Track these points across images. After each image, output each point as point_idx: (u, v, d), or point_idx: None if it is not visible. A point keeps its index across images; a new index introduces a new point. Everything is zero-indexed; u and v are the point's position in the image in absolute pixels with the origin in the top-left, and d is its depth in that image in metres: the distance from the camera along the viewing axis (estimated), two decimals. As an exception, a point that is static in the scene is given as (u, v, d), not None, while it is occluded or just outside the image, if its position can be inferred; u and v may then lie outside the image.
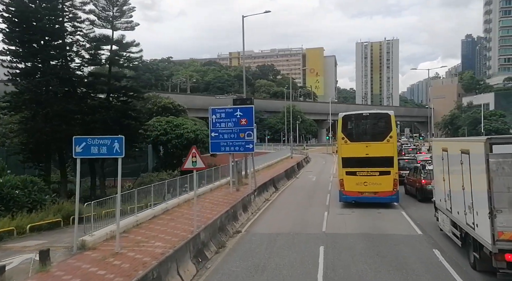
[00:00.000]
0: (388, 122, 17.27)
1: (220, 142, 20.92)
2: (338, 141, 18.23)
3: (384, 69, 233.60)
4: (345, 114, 18.31)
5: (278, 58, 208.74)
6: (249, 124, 20.59)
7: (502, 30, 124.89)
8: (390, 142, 16.96)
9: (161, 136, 34.04)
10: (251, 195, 17.86)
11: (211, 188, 21.96)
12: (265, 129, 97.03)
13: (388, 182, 16.87)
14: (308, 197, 20.72)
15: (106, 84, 24.70)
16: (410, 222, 14.46)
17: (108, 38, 24.18)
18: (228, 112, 20.89)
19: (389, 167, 16.87)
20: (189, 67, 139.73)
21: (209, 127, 21.35)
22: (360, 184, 17.09)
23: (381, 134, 17.29)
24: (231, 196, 19.71)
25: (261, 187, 20.99)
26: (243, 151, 21.01)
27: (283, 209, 17.65)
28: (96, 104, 23.42)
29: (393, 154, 17.04)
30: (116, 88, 25.12)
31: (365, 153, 16.93)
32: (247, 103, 21.02)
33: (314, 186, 25.22)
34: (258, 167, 34.78)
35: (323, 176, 31.85)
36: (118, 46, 24.82)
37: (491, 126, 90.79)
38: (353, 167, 17.20)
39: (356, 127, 18.09)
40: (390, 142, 16.98)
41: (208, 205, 17.20)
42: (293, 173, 32.66)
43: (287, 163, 41.14)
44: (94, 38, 23.99)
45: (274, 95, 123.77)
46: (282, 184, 26.29)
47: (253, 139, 20.68)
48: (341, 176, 17.57)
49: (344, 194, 17.51)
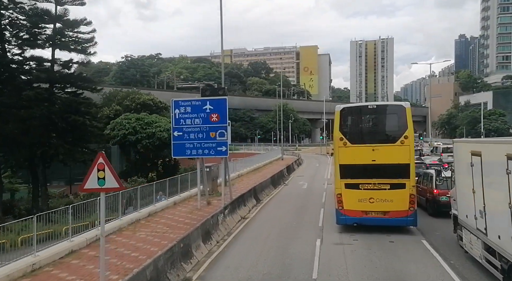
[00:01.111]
0: (403, 117, 12.60)
1: (185, 143, 16.42)
2: (334, 143, 13.55)
3: (379, 68, 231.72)
4: (345, 107, 13.70)
5: (272, 56, 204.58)
6: (221, 120, 16.12)
7: (500, 27, 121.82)
8: (405, 144, 12.40)
9: (129, 136, 29.39)
10: (220, 215, 13.36)
11: (175, 201, 17.45)
12: (256, 128, 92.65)
13: (403, 199, 12.38)
14: (296, 214, 16.27)
15: (46, 71, 19.94)
16: (440, 260, 10.06)
17: (49, 13, 19.40)
18: (195, 106, 16.38)
19: (404, 178, 12.40)
20: (178, 64, 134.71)
21: (171, 125, 16.85)
22: (364, 201, 12.65)
23: (393, 133, 12.85)
24: (197, 213, 15.27)
25: (237, 201, 16.53)
26: (213, 155, 16.50)
27: (261, 234, 13.18)
28: (31, 96, 18.56)
29: (409, 161, 12.44)
30: (58, 76, 20.34)
31: (371, 159, 12.55)
32: (219, 93, 16.53)
33: (305, 197, 20.80)
34: (242, 172, 30.39)
35: (316, 182, 27.45)
36: (62, 24, 20.08)
37: (491, 125, 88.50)
38: (355, 177, 12.75)
39: (359, 124, 13.56)
40: (405, 144, 12.40)
41: (159, 230, 12.73)
42: (281, 178, 28.23)
43: (277, 166, 36.72)
44: (33, 14, 19.21)
45: (266, 93, 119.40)
46: (267, 193, 21.83)
47: (226, 140, 16.19)
48: (338, 190, 13.01)
49: (342, 215, 12.98)
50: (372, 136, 13.07)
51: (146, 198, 16.25)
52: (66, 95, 20.79)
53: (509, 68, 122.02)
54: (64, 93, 20.95)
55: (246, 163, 34.75)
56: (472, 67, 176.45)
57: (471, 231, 9.46)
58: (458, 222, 10.77)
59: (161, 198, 16.35)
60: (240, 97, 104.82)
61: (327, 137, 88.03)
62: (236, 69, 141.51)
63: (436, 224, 14.20)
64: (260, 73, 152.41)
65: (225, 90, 16.64)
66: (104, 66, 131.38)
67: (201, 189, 17.39)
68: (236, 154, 58.73)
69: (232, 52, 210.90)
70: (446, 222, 12.97)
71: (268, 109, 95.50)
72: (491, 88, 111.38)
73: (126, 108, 47.77)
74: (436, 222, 14.58)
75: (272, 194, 22.14)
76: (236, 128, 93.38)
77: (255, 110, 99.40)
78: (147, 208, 14.90)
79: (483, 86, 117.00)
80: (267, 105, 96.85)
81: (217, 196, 19.09)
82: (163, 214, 15.22)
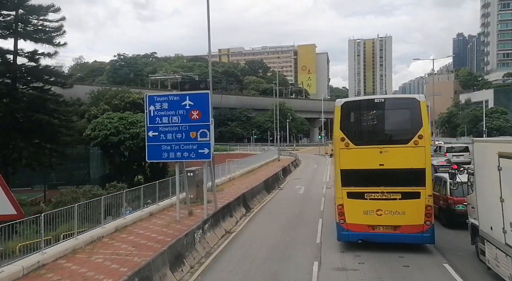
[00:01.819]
0: (416, 112, 10.53)
1: (162, 145, 14.16)
2: (334, 144, 11.44)
3: (377, 67, 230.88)
4: (347, 101, 11.57)
5: (269, 55, 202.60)
6: (203, 118, 13.86)
7: (500, 24, 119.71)
8: (419, 145, 10.34)
9: (111, 136, 27.04)
10: (197, 231, 11.09)
11: (151, 211, 15.18)
12: (253, 128, 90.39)
13: (417, 211, 10.30)
14: (290, 227, 13.99)
15: (5, 64, 17.56)
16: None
17: (8, -4, 17.08)
18: (172, 101, 14.11)
19: (419, 186, 10.35)
20: (173, 63, 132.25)
21: (145, 123, 14.56)
22: (370, 214, 10.55)
23: (404, 132, 10.76)
24: (174, 227, 13.04)
25: (223, 211, 14.27)
26: (194, 158, 14.21)
27: (247, 255, 10.91)
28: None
29: (424, 165, 10.36)
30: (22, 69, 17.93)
31: (379, 164, 10.48)
32: (201, 87, 14.25)
33: (301, 204, 18.55)
34: (234, 175, 28.13)
35: (314, 186, 25.19)
36: (25, 11, 17.73)
37: (493, 124, 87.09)
38: (359, 185, 10.67)
39: (363, 121, 11.46)
40: (420, 145, 10.33)
41: (123, 251, 10.47)
42: (276, 182, 25.98)
43: (272, 168, 34.47)
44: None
45: (263, 92, 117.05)
46: (259, 200, 19.57)
47: (209, 141, 13.91)
48: (339, 200, 10.88)
49: (344, 230, 10.84)
50: (380, 135, 11.03)
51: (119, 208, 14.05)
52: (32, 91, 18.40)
53: (510, 65, 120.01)
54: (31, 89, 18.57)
55: (239, 165, 32.54)
56: (471, 65, 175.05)
57: (498, 246, 8.19)
58: (479, 233, 9.32)
59: (126, 211, 14.02)
60: (236, 96, 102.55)
61: (326, 137, 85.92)
62: (232, 68, 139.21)
63: (455, 238, 12.09)
64: (257, 72, 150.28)
65: (207, 84, 14.36)
66: (99, 65, 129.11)
67: (180, 198, 15.12)
68: (231, 155, 56.43)
69: (229, 51, 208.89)
70: (464, 236, 11.16)
71: (265, 108, 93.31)
72: (492, 86, 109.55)
73: (115, 107, 45.74)
74: (453, 235, 12.50)
75: (265, 201, 19.88)
76: (233, 128, 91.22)
77: (252, 109, 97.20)
78: (113, 222, 12.62)
79: (484, 84, 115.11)
80: (264, 104, 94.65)
81: (202, 204, 16.85)
82: (133, 228, 12.95)
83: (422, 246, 10.85)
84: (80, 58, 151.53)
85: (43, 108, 18.21)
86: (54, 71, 19.24)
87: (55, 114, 19.06)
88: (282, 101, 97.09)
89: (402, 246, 10.67)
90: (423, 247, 10.90)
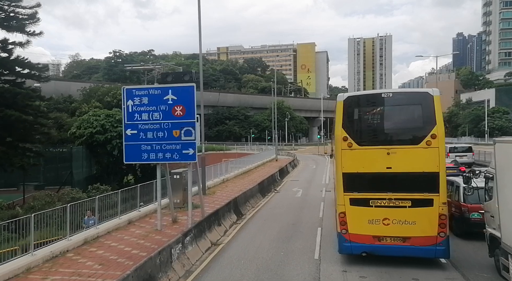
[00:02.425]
0: (429, 108, 9.32)
1: (141, 144, 12.58)
2: (336, 144, 10.19)
3: (377, 66, 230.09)
4: (350, 96, 10.26)
5: (269, 54, 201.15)
6: (187, 115, 12.27)
7: (502, 22, 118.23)
8: (432, 146, 9.09)
9: (97, 135, 25.41)
10: (175, 246, 9.48)
11: (131, 219, 13.58)
12: (251, 126, 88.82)
13: (429, 220, 9.08)
14: (285, 237, 12.37)
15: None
16: None
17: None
18: (153, 96, 12.52)
19: (431, 192, 9.10)
20: (171, 61, 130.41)
21: (123, 120, 12.98)
22: (376, 223, 9.30)
23: (415, 131, 9.52)
24: (154, 238, 11.45)
25: (209, 219, 12.69)
26: (177, 160, 12.61)
27: (234, 275, 9.31)
28: None
29: (437, 168, 9.08)
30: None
31: (386, 166, 9.27)
32: (185, 79, 12.63)
33: (298, 210, 16.96)
34: (228, 176, 26.55)
35: (312, 189, 23.60)
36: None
37: (495, 123, 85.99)
38: (363, 191, 9.44)
39: (369, 118, 10.08)
40: (433, 145, 9.09)
41: (86, 270, 8.90)
42: (272, 184, 24.40)
43: (269, 168, 32.91)
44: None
45: (262, 90, 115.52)
46: (252, 204, 17.98)
47: (194, 140, 12.32)
48: (341, 208, 9.60)
49: (347, 241, 9.55)
50: (387, 134, 9.81)
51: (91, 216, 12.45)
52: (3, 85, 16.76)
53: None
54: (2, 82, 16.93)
55: (236, 165, 31.03)
56: (471, 65, 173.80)
57: None
58: (501, 246, 8.29)
59: (90, 221, 12.32)
60: (234, 94, 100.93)
61: (325, 136, 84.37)
62: (231, 66, 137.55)
63: (470, 251, 10.74)
64: (256, 70, 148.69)
65: (192, 75, 12.73)
66: (96, 63, 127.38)
67: (166, 202, 13.54)
68: (228, 155, 54.86)
69: (228, 49, 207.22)
70: (480, 247, 10.21)
71: (263, 107, 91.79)
72: (494, 85, 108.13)
73: (107, 105, 44.45)
74: (468, 247, 11.10)
75: (259, 205, 18.29)
76: (230, 127, 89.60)
77: (250, 108, 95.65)
78: (82, 233, 11.02)
79: (485, 83, 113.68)
80: (262, 103, 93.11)
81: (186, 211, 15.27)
82: (106, 240, 11.35)
83: (434, 260, 9.42)
84: (76, 56, 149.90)
85: (15, 103, 16.60)
86: (27, 62, 17.55)
87: (29, 110, 17.40)
88: (280, 100, 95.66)
89: (412, 260, 9.25)
90: (436, 261, 9.46)
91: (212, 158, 54.46)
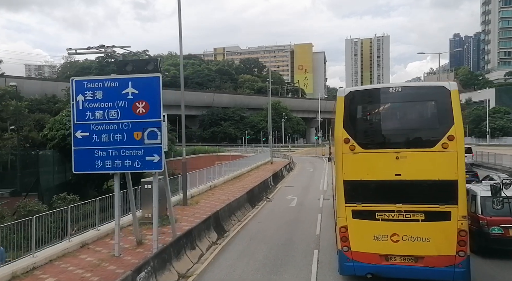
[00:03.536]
0: (446, 105, 7.95)
1: (94, 149, 10.17)
2: (336, 147, 8.65)
3: (375, 66, 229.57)
4: (353, 90, 8.79)
5: (265, 54, 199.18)
6: (152, 112, 9.89)
7: (502, 21, 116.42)
8: (449, 149, 7.77)
9: (70, 138, 22.84)
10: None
11: (85, 241, 11.13)
12: (247, 128, 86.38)
13: (446, 237, 7.78)
14: (273, 266, 9.85)
15: None
16: None
17: None
18: (109, 89, 10.13)
19: (449, 204, 7.78)
20: (166, 61, 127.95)
21: (72, 119, 10.57)
22: (384, 239, 8.01)
23: (429, 131, 8.21)
24: (107, 269, 9.04)
25: (179, 242, 10.21)
26: (140, 169, 10.17)
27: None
28: None
29: (456, 176, 7.74)
30: None
31: (394, 173, 8.00)
32: (148, 69, 10.22)
33: (291, 225, 14.51)
34: (217, 182, 24.15)
35: (309, 196, 21.17)
36: None
37: (496, 123, 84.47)
38: (368, 202, 8.14)
39: (375, 117, 8.77)
40: (451, 149, 7.76)
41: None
42: (264, 191, 21.97)
43: (263, 172, 30.53)
44: None
45: (258, 91, 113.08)
46: (239, 217, 15.53)
47: (160, 144, 9.90)
48: (342, 221, 8.28)
49: (349, 259, 8.21)
50: (396, 136, 8.41)
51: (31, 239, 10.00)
52: None
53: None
54: None
55: (227, 169, 28.71)
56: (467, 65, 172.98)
57: None
58: None
59: None
60: (229, 94, 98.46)
61: (322, 138, 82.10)
62: (227, 66, 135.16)
63: (491, 271, 9.04)
64: (253, 70, 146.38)
65: (157, 64, 10.30)
66: (89, 63, 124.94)
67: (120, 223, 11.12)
68: (221, 157, 52.36)
69: (225, 50, 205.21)
70: (504, 267, 9.09)
71: (259, 107, 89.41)
72: (493, 85, 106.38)
73: None
74: (488, 267, 9.32)
75: (247, 218, 15.82)
76: (225, 128, 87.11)
77: (246, 108, 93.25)
78: (12, 264, 8.54)
79: (485, 83, 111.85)
80: (258, 103, 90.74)
81: (164, 225, 12.88)
82: (44, 272, 8.87)
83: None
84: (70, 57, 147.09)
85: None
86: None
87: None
88: (277, 100, 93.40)
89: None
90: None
91: (204, 161, 52.05)
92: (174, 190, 17.86)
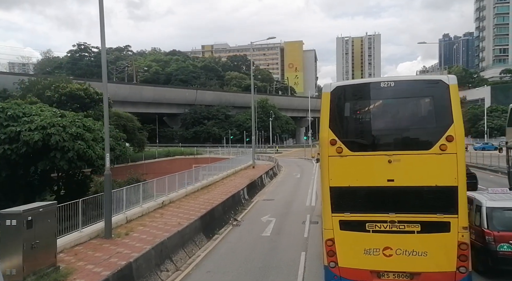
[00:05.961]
0: (444, 101, 6.78)
1: None
2: (321, 149, 7.25)
3: (366, 65, 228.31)
4: (340, 85, 7.48)
5: (255, 52, 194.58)
6: None
7: (497, 17, 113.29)
8: (448, 151, 6.57)
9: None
10: None
11: None
12: (232, 127, 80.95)
13: (445, 250, 6.62)
14: None
15: None
16: None
17: None
18: None
19: (448, 213, 6.66)
20: (148, 57, 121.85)
21: None
22: (375, 253, 6.87)
23: (426, 131, 7.02)
24: None
25: None
26: None
27: None
28: None
29: (455, 182, 6.60)
30: None
31: (387, 179, 6.83)
32: None
33: (260, 272, 9.15)
34: (176, 195, 18.69)
35: (290, 218, 15.79)
36: None
37: (493, 123, 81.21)
38: (357, 211, 7.00)
39: (364, 115, 7.46)
40: (449, 151, 6.57)
41: None
42: (233, 209, 16.57)
43: (240, 179, 25.24)
44: None
45: (246, 89, 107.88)
46: (179, 262, 10.08)
47: None
48: (329, 233, 7.10)
49: (336, 276, 7.00)
50: (388, 136, 7.25)
51: None
52: None
53: (507, 61, 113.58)
54: None
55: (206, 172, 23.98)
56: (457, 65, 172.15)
57: None
58: None
59: None
60: (214, 92, 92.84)
61: (313, 138, 77.30)
62: (213, 63, 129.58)
63: None
64: (240, 67, 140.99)
65: None
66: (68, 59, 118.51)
67: None
68: (199, 160, 46.75)
69: (213, 47, 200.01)
70: None
71: (246, 105, 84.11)
72: (489, 83, 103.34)
73: (48, 100, 37.46)
74: None
75: (192, 263, 10.36)
76: (209, 128, 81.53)
77: (231, 107, 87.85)
78: None
79: (480, 81, 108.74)
80: (245, 101, 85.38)
81: None
82: None
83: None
84: (48, 52, 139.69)
85: None
86: None
87: None
88: (264, 98, 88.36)
89: None
90: None
91: (179, 165, 46.26)
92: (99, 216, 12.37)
